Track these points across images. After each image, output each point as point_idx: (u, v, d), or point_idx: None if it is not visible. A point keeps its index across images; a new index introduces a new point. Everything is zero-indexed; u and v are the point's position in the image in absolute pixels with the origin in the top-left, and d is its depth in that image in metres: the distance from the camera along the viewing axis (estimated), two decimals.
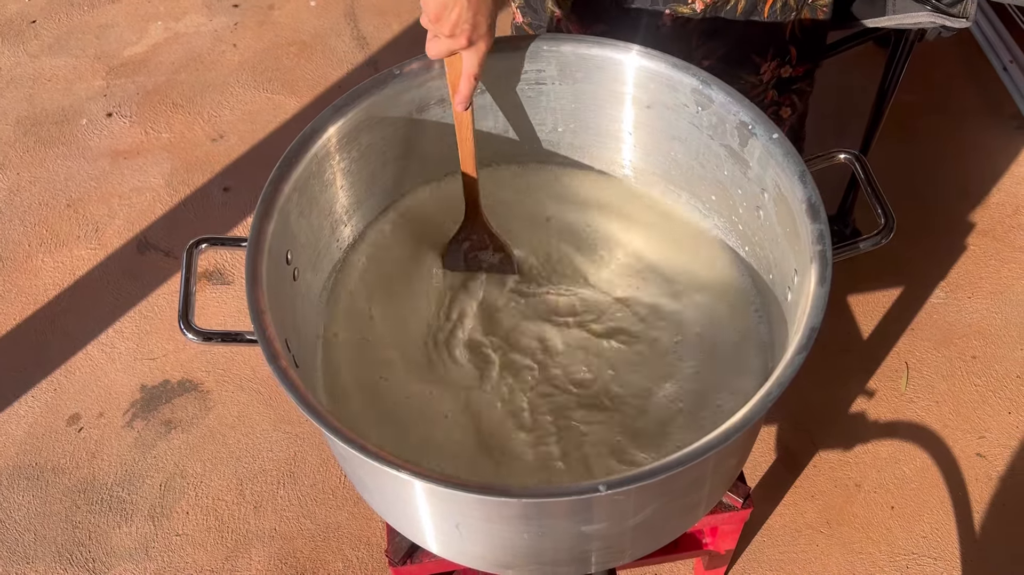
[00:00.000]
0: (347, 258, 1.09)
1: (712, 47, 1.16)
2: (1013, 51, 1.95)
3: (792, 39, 1.18)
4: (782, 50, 1.18)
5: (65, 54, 2.13)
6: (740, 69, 1.19)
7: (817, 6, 1.16)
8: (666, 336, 1.05)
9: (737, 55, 1.17)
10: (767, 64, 1.19)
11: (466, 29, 0.90)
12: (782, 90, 1.24)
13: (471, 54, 0.93)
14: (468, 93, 0.96)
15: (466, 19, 0.89)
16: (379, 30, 2.15)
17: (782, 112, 1.27)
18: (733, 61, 1.17)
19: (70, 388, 1.59)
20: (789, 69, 1.21)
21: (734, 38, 1.15)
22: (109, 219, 1.82)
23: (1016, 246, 1.71)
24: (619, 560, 0.92)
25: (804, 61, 1.21)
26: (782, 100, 1.25)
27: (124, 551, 1.42)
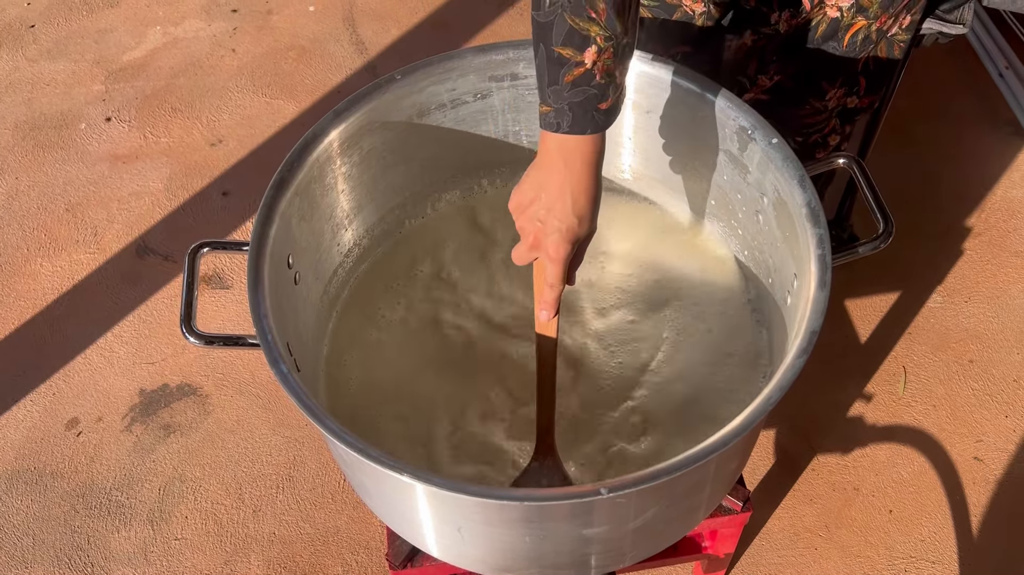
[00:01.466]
0: (349, 262, 1.09)
1: (784, 66, 1.15)
2: (1009, 57, 1.96)
3: (864, 70, 1.17)
4: (852, 79, 1.17)
5: (64, 59, 2.13)
6: (807, 92, 1.18)
7: (895, 41, 1.14)
8: (665, 340, 1.05)
9: (807, 77, 1.16)
10: (834, 91, 1.17)
11: (535, 226, 0.81)
12: (844, 119, 1.23)
13: (548, 264, 0.83)
14: (549, 302, 0.86)
15: (535, 214, 0.80)
16: (378, 35, 2.15)
17: (831, 139, 1.25)
18: (801, 83, 1.16)
19: (69, 392, 1.59)
20: (855, 100, 1.20)
21: (808, 60, 1.14)
22: (108, 223, 1.82)
23: (1012, 250, 1.71)
24: (619, 563, 0.93)
25: (870, 93, 1.20)
26: (841, 129, 1.24)
27: (123, 555, 1.42)
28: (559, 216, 0.80)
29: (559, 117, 0.77)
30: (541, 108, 0.79)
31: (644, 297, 1.09)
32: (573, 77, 0.75)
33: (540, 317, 0.88)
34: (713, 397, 1.00)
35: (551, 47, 0.75)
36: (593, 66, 0.75)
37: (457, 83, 1.04)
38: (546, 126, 0.78)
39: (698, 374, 1.02)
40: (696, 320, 1.06)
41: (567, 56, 0.75)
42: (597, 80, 0.76)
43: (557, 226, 0.80)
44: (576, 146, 0.78)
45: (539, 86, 0.78)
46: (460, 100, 1.06)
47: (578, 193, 0.79)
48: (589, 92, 0.76)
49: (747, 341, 1.03)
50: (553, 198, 0.79)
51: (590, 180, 0.80)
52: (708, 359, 1.03)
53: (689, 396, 1.00)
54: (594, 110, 0.77)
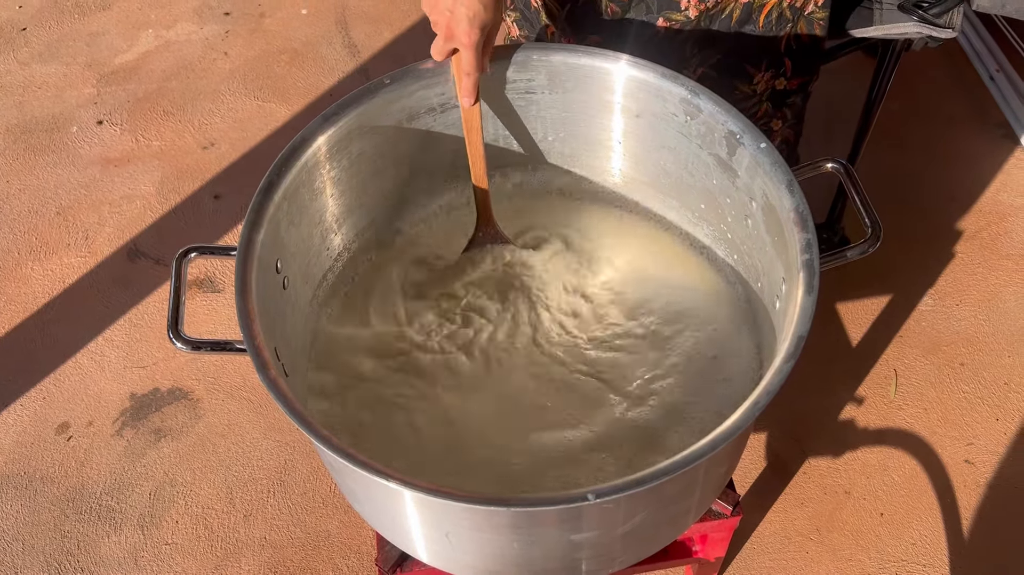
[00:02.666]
0: (338, 267, 1.09)
1: (706, 55, 1.16)
2: (1000, 60, 1.97)
3: (788, 51, 1.18)
4: (776, 61, 1.19)
5: (56, 62, 2.12)
6: (734, 78, 1.19)
7: (814, 19, 1.16)
8: (653, 343, 1.05)
9: (731, 64, 1.17)
10: (761, 75, 1.19)
11: (444, 15, 0.91)
12: (777, 103, 1.24)
13: (461, 49, 0.94)
14: (468, 88, 0.97)
15: (445, 5, 0.90)
16: (370, 38, 2.15)
17: (773, 124, 1.27)
18: (726, 70, 1.18)
19: (59, 396, 1.59)
20: (784, 81, 1.22)
21: (728, 47, 1.16)
22: (99, 227, 1.81)
23: (1003, 253, 1.72)
24: (609, 568, 0.93)
25: (799, 74, 1.22)
26: (775, 113, 1.26)
27: (113, 560, 1.41)
28: (466, 4, 0.90)
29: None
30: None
31: (631, 299, 1.09)
32: None
33: (464, 103, 1.00)
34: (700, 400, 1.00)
35: None
36: None
37: (447, 87, 1.04)
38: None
39: (685, 376, 1.02)
40: (684, 323, 1.06)
41: None
42: None
43: (465, 13, 0.90)
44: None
45: None
46: (449, 104, 1.06)
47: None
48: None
49: (736, 345, 1.03)
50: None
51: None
52: (695, 362, 1.03)
53: (677, 399, 1.00)
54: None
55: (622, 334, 1.06)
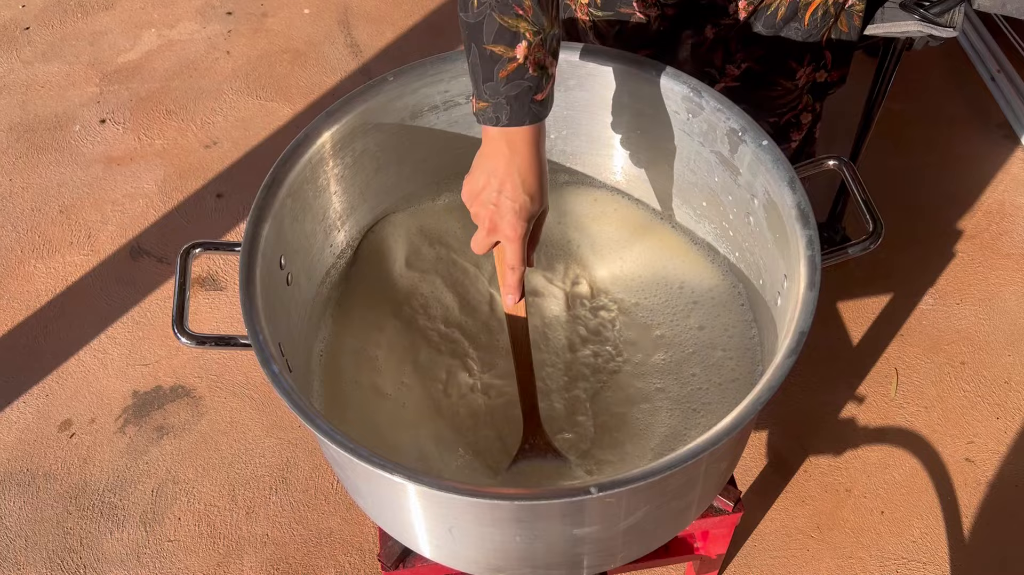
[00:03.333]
0: (341, 263, 1.09)
1: (751, 51, 1.17)
2: (1000, 61, 1.97)
3: (828, 44, 1.19)
4: (817, 55, 1.19)
5: (59, 60, 2.13)
6: (777, 74, 1.19)
7: (853, 12, 1.16)
8: (653, 340, 1.06)
9: (775, 60, 1.18)
10: (803, 69, 1.19)
11: (489, 209, 0.84)
12: (817, 95, 1.25)
13: (504, 243, 0.86)
14: (512, 284, 0.89)
15: (488, 198, 0.83)
16: (372, 38, 2.16)
17: (803, 117, 1.27)
18: (770, 66, 1.18)
19: (62, 394, 1.59)
20: (824, 74, 1.22)
21: (773, 44, 1.16)
22: (102, 225, 1.82)
23: (1003, 252, 1.72)
24: (610, 563, 0.93)
25: (839, 66, 1.22)
26: (812, 106, 1.26)
27: (116, 557, 1.42)
28: (511, 196, 0.83)
29: (497, 111, 0.80)
30: (477, 104, 0.82)
31: (632, 297, 1.09)
32: (507, 72, 0.79)
33: (507, 302, 0.92)
34: (702, 396, 1.00)
35: (483, 46, 0.79)
36: (525, 60, 0.79)
37: (450, 85, 1.04)
38: (485, 121, 0.82)
39: (686, 373, 1.02)
40: (686, 320, 1.06)
41: (499, 53, 0.78)
42: (531, 73, 0.79)
43: (510, 206, 0.83)
44: (519, 131, 0.82)
45: (473, 84, 0.81)
46: (453, 102, 1.06)
47: (526, 172, 0.83)
48: (523, 85, 0.79)
49: (737, 341, 1.04)
50: (502, 180, 0.82)
51: (536, 159, 0.83)
52: (697, 358, 1.03)
53: (676, 396, 1.01)
54: (530, 102, 0.80)
55: (619, 329, 1.07)
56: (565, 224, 1.15)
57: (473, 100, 0.82)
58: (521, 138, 0.82)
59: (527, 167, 0.82)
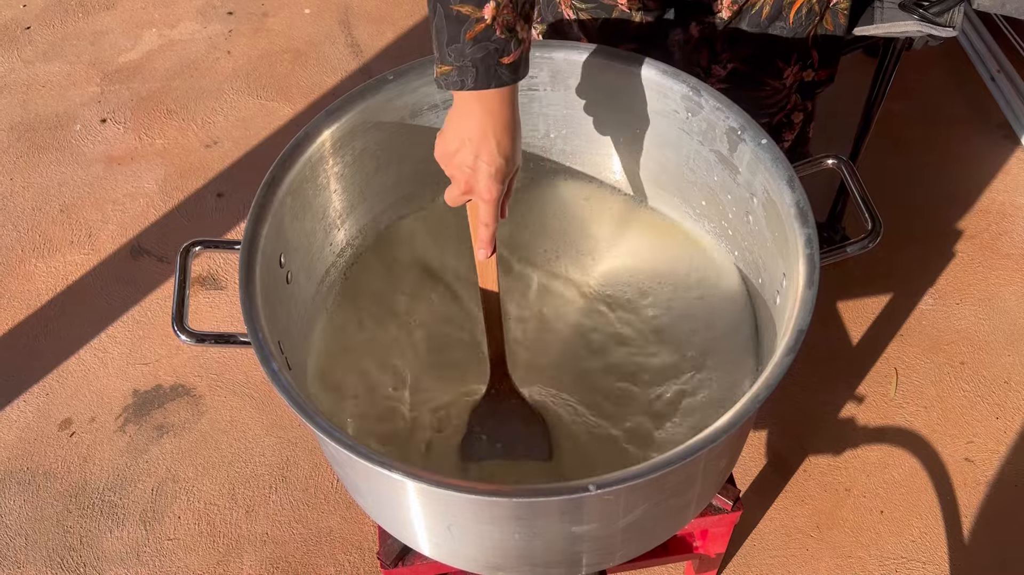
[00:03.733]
0: (341, 262, 1.09)
1: (737, 51, 1.17)
2: (1000, 61, 1.97)
3: (814, 43, 1.19)
4: (804, 54, 1.19)
5: (60, 60, 2.13)
6: (764, 74, 1.19)
7: (838, 10, 1.17)
8: (654, 339, 1.06)
9: (761, 60, 1.18)
10: (790, 68, 1.19)
11: (465, 172, 0.84)
12: (805, 94, 1.25)
13: (479, 202, 0.87)
14: (485, 239, 0.90)
15: (464, 161, 0.83)
16: (373, 38, 2.16)
17: (795, 117, 1.27)
18: (757, 66, 1.18)
19: (62, 393, 1.59)
20: (812, 73, 1.22)
21: (758, 43, 1.16)
22: (102, 224, 1.82)
23: (1003, 252, 1.72)
24: (609, 562, 0.93)
25: (825, 65, 1.23)
26: (801, 105, 1.26)
27: (116, 556, 1.42)
28: (487, 160, 0.82)
29: (462, 75, 0.78)
30: (440, 69, 0.79)
31: (631, 295, 1.09)
32: (474, 34, 0.77)
33: (479, 256, 0.92)
34: (700, 395, 1.00)
35: (449, 5, 0.76)
36: (493, 21, 0.76)
37: None
38: (449, 85, 0.80)
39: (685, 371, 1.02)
40: (685, 319, 1.06)
41: (466, 13, 0.76)
42: (497, 35, 0.77)
43: (487, 169, 0.83)
44: (493, 94, 0.80)
45: (437, 47, 0.79)
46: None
47: (501, 135, 0.82)
48: (490, 47, 0.77)
49: (736, 340, 1.04)
50: (478, 143, 0.81)
51: (511, 120, 0.82)
52: (696, 357, 1.03)
53: (676, 393, 1.01)
54: (497, 64, 0.78)
55: (622, 330, 1.07)
56: (564, 222, 1.15)
57: (436, 66, 0.80)
58: (495, 100, 0.80)
59: (502, 130, 0.82)
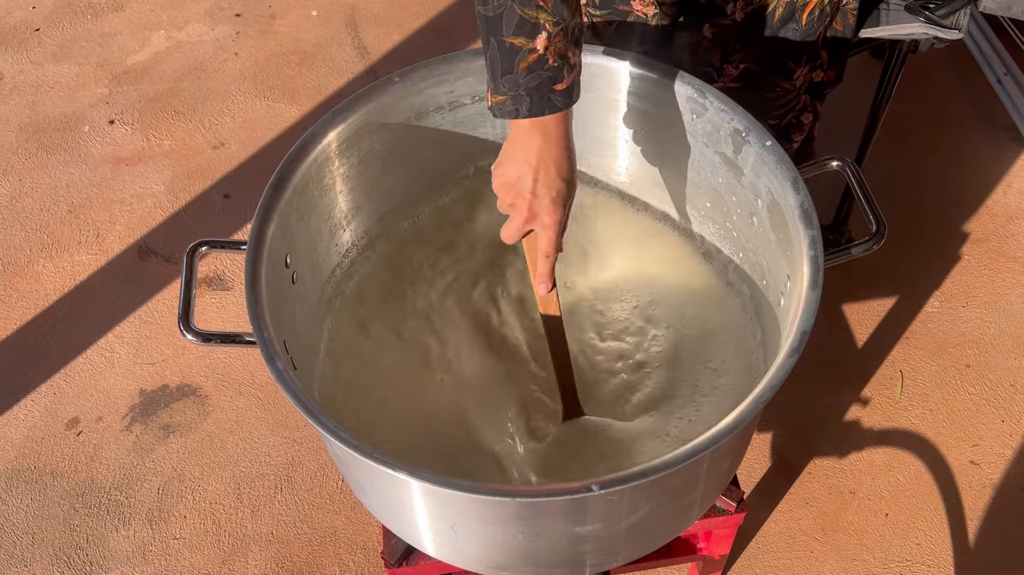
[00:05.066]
0: (346, 262, 1.10)
1: (748, 52, 1.17)
2: (1007, 63, 1.97)
3: (824, 44, 1.19)
4: (814, 55, 1.19)
5: (68, 62, 2.14)
6: (775, 75, 1.20)
7: (847, 10, 1.17)
8: (659, 341, 1.06)
9: (772, 60, 1.18)
10: (800, 69, 1.19)
11: (526, 199, 0.84)
12: (814, 95, 1.25)
13: (540, 229, 0.87)
14: (545, 272, 0.89)
15: (525, 187, 0.83)
16: (380, 40, 2.17)
17: (804, 118, 1.27)
18: (768, 67, 1.18)
19: (69, 392, 1.60)
20: (821, 73, 1.22)
21: (771, 44, 1.16)
22: (110, 225, 1.83)
23: (1009, 255, 1.72)
24: (613, 562, 0.93)
25: (834, 65, 1.23)
26: (810, 106, 1.26)
27: (122, 554, 1.42)
28: (548, 184, 0.83)
29: (517, 103, 0.80)
30: (494, 99, 0.81)
31: (636, 296, 1.09)
32: (527, 64, 0.78)
33: (540, 291, 0.92)
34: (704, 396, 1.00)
35: (502, 38, 0.78)
36: (546, 51, 0.78)
37: (455, 85, 1.05)
38: (503, 115, 0.81)
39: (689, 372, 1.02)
40: (689, 320, 1.06)
41: (519, 45, 0.78)
42: (551, 63, 0.79)
43: (548, 194, 0.84)
44: (551, 119, 0.81)
45: (491, 78, 0.81)
46: (458, 102, 1.07)
47: (560, 159, 0.83)
48: (544, 75, 0.79)
49: (741, 342, 1.04)
50: (537, 169, 0.82)
51: (568, 145, 0.84)
52: (701, 359, 1.03)
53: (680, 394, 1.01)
54: (551, 92, 0.80)
55: (626, 331, 1.07)
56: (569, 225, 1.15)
57: (489, 94, 0.82)
58: (552, 124, 0.81)
59: (561, 154, 0.83)
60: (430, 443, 0.99)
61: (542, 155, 0.82)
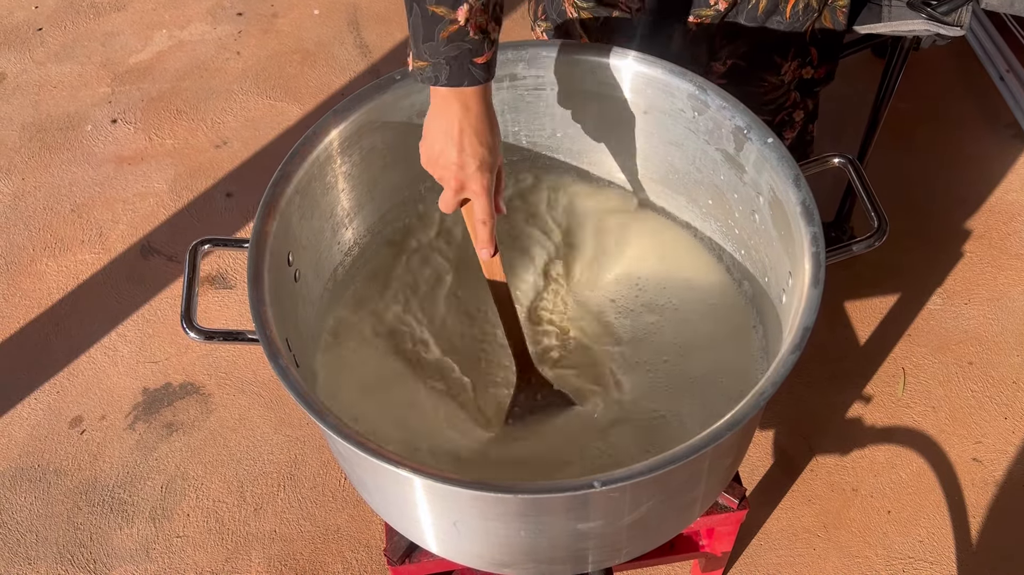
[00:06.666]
0: (349, 260, 1.10)
1: (734, 48, 1.17)
2: (1010, 60, 1.97)
3: (813, 40, 1.19)
4: (803, 51, 1.19)
5: (71, 61, 2.15)
6: (762, 70, 1.20)
7: (836, 7, 1.17)
8: (661, 338, 1.06)
9: (759, 56, 1.18)
10: (788, 64, 1.19)
11: (452, 170, 0.86)
12: (805, 92, 1.25)
13: (473, 198, 0.89)
14: (485, 238, 0.91)
15: (451, 159, 0.86)
16: (382, 38, 2.17)
17: (796, 115, 1.27)
18: (755, 62, 1.18)
19: (73, 390, 1.61)
20: (811, 70, 1.22)
21: (755, 38, 1.16)
22: (113, 224, 1.83)
23: (1012, 253, 1.72)
24: (615, 559, 0.93)
25: (824, 62, 1.23)
26: (801, 103, 1.27)
27: (125, 552, 1.43)
28: (471, 152, 0.86)
29: (436, 71, 0.82)
30: (415, 63, 0.83)
31: (638, 294, 1.09)
32: (448, 33, 0.80)
33: (483, 256, 0.94)
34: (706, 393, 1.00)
35: (425, 5, 0.80)
36: (467, 23, 0.80)
37: None
38: (423, 80, 0.83)
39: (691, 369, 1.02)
40: (692, 318, 1.06)
41: (441, 14, 0.80)
42: (471, 36, 0.81)
43: (472, 162, 0.86)
44: (471, 91, 0.83)
45: (413, 42, 0.83)
46: None
47: (480, 127, 0.85)
48: (463, 47, 0.81)
49: (743, 339, 1.04)
50: (460, 139, 0.85)
51: (488, 113, 0.86)
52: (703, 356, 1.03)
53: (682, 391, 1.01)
54: (470, 64, 0.82)
55: (629, 328, 1.07)
56: (571, 222, 1.16)
57: (410, 59, 0.84)
58: (472, 97, 0.84)
59: (480, 122, 0.85)
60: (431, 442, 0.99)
61: (463, 126, 0.84)
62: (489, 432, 1.00)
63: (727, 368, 1.03)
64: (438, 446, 0.99)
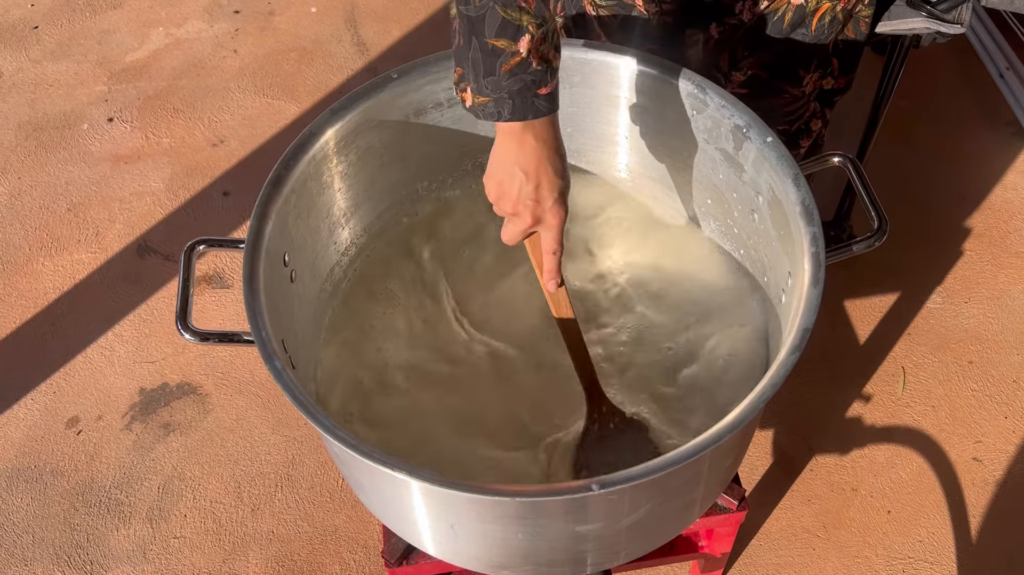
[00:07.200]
0: (345, 261, 1.09)
1: (757, 58, 1.16)
2: (1010, 58, 1.96)
3: (835, 51, 1.18)
4: (824, 61, 1.18)
5: (67, 59, 2.14)
6: (783, 80, 1.18)
7: (860, 18, 1.16)
8: (660, 339, 1.05)
9: (781, 66, 1.17)
10: (809, 75, 1.18)
11: (529, 205, 0.83)
12: (824, 102, 1.24)
13: (545, 230, 0.86)
14: (552, 268, 0.89)
15: (527, 194, 0.82)
16: (379, 36, 2.16)
17: (813, 124, 1.26)
18: (776, 71, 1.17)
19: (69, 391, 1.60)
20: (831, 81, 1.21)
21: (779, 49, 1.15)
22: (109, 223, 1.83)
23: (1012, 251, 1.71)
24: (614, 561, 0.93)
25: (845, 72, 1.22)
26: (820, 112, 1.25)
27: (122, 553, 1.42)
28: (548, 187, 0.82)
29: (499, 106, 0.79)
30: (476, 99, 0.80)
31: (637, 295, 1.09)
32: (510, 67, 0.78)
33: (549, 287, 0.91)
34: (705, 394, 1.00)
35: (484, 39, 0.77)
36: (529, 54, 0.78)
37: None
38: (485, 116, 0.80)
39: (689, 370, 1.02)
40: (690, 318, 1.06)
41: (502, 47, 0.77)
42: (534, 67, 0.78)
43: (551, 196, 0.83)
44: (542, 123, 0.81)
45: (473, 79, 0.80)
46: (457, 99, 1.06)
47: (555, 159, 0.82)
48: (526, 79, 0.78)
49: (742, 339, 1.03)
50: (537, 174, 0.82)
51: (559, 144, 0.83)
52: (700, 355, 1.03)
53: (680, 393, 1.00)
54: (534, 96, 0.79)
55: (626, 328, 1.07)
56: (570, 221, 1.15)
57: (468, 95, 0.80)
58: (544, 128, 0.81)
59: (552, 152, 0.82)
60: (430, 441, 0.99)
61: (539, 158, 0.81)
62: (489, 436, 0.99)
63: (726, 368, 1.02)
64: (440, 447, 0.98)
